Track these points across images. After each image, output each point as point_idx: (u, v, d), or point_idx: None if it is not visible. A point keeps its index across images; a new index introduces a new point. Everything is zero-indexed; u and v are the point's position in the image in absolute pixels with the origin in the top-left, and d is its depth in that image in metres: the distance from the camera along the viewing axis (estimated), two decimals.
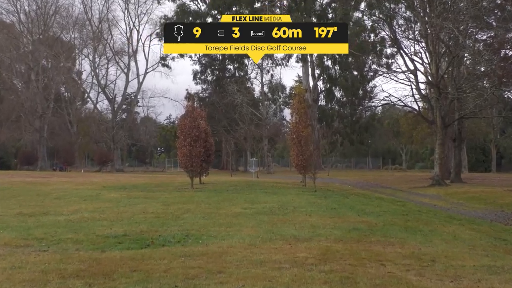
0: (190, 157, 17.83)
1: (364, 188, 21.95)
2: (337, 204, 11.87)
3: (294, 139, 19.68)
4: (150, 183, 22.42)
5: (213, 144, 21.56)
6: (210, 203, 11.78)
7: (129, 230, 7.42)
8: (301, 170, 19.63)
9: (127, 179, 28.23)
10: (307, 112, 21.47)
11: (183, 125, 18.14)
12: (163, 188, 18.13)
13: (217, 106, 46.30)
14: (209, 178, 25.08)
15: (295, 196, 14.18)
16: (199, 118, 18.93)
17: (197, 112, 19.04)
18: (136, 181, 24.40)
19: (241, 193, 15.18)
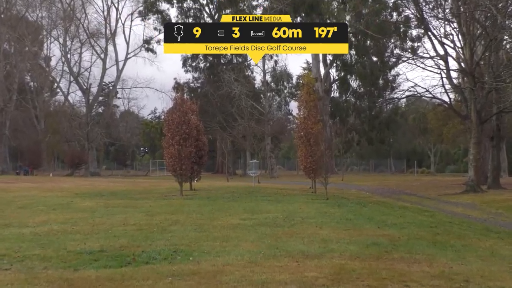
0: (179, 158, 17.89)
1: (385, 195, 21.97)
2: (353, 214, 11.89)
3: (302, 137, 19.75)
4: (131, 190, 22.47)
5: (206, 143, 21.65)
6: (202, 213, 11.80)
7: (106, 245, 7.43)
8: (310, 174, 19.70)
9: (104, 184, 28.27)
10: (317, 106, 21.53)
11: (170, 121, 18.23)
12: (147, 195, 18.17)
13: (211, 98, 46.47)
14: (201, 183, 25.16)
15: (303, 204, 14.21)
16: (190, 112, 19.00)
17: (187, 105, 19.11)
18: (114, 187, 24.45)
19: (240, 201, 15.22)
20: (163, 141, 18.59)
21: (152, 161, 61.34)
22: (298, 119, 20.87)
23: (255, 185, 25.96)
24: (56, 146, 54.04)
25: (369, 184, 29.88)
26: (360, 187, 27.53)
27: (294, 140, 21.74)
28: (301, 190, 21.90)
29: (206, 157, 22.00)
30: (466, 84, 27.86)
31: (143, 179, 41.90)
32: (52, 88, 57.45)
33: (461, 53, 27.24)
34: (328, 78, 52.17)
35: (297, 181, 34.48)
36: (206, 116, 46.42)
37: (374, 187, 27.76)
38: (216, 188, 23.66)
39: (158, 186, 25.59)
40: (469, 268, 6.24)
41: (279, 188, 23.99)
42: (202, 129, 21.68)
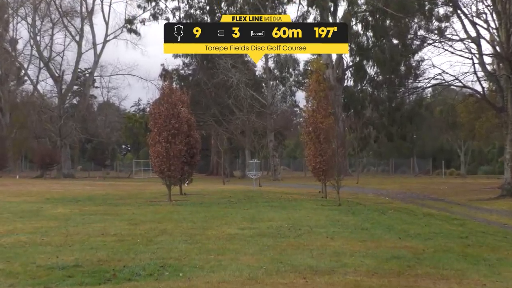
0: (167, 157, 17.95)
1: (407, 200, 21.99)
2: (370, 222, 11.90)
3: (310, 133, 19.79)
4: (111, 194, 22.50)
5: (198, 140, 21.72)
6: (194, 221, 11.82)
7: (82, 258, 7.44)
8: (320, 175, 19.76)
9: (79, 188, 28.32)
10: (328, 96, 21.55)
11: (157, 114, 18.28)
12: (130, 201, 18.21)
13: (204, 87, 46.56)
14: (193, 186, 25.20)
15: (312, 211, 14.23)
16: (180, 104, 19.05)
17: (176, 95, 19.15)
18: (92, 191, 24.50)
19: (238, 208, 15.26)
20: (149, 137, 18.61)
21: (135, 160, 61.43)
22: (305, 112, 20.88)
23: (255, 189, 25.99)
24: (23, 143, 54.02)
25: (388, 188, 29.91)
26: (378, 191, 27.55)
27: (301, 137, 21.75)
28: (309, 195, 21.89)
29: (199, 156, 22.05)
30: (501, 71, 27.76)
31: (125, 181, 41.95)
32: (18, 75, 57.38)
33: (495, 35, 27.17)
34: (340, 64, 52.17)
35: (304, 184, 34.48)
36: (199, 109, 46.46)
37: (395, 191, 27.78)
38: (210, 192, 23.67)
39: (143, 190, 25.61)
40: (505, 286, 6.24)
41: (283, 192, 23.99)
42: (194, 123, 21.70)
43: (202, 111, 46.42)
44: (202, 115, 45.70)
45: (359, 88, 53.52)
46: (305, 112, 21.07)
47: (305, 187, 31.14)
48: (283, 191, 24.61)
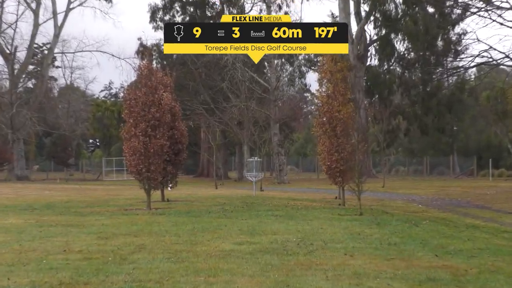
0: (146, 155, 17.98)
1: (446, 208, 21.99)
2: (399, 236, 11.89)
3: (324, 125, 19.83)
4: (76, 201, 22.50)
5: (185, 134, 21.78)
6: (180, 234, 11.83)
7: (39, 281, 7.43)
8: (337, 177, 19.84)
9: (35, 193, 28.26)
10: (346, 78, 21.51)
11: (133, 101, 18.31)
12: (99, 209, 18.23)
13: (192, 67, 46.61)
14: (178, 191, 25.12)
15: (326, 222, 14.28)
16: (161, 88, 19.06)
17: (157, 77, 19.17)
18: (52, 197, 24.46)
19: (234, 218, 15.29)
20: (123, 130, 18.62)
21: (106, 159, 61.51)
22: (319, 98, 20.89)
23: (256, 194, 25.98)
24: None
25: (422, 193, 29.91)
26: (410, 196, 27.56)
27: (313, 129, 21.75)
28: (323, 202, 21.89)
29: (185, 153, 22.05)
30: None
31: (93, 185, 41.99)
32: None
33: None
34: (362, 38, 52.11)
35: (317, 189, 34.46)
36: (186, 94, 46.48)
37: (430, 197, 27.79)
38: (199, 198, 23.64)
39: (115, 196, 25.58)
40: None
41: (290, 198, 23.98)
42: (179, 112, 21.69)
43: (190, 97, 46.46)
44: (190, 102, 45.75)
45: (385, 68, 53.50)
46: (318, 99, 21.05)
47: (317, 191, 31.10)
48: (291, 197, 24.59)
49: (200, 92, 47.78)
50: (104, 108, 68.73)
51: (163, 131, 18.48)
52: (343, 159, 19.17)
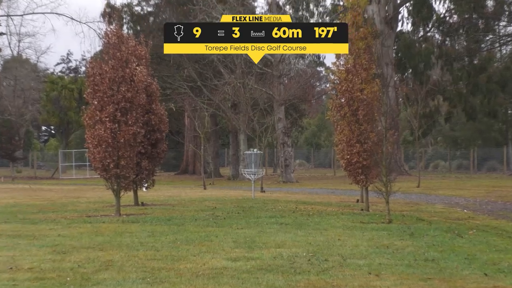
0: (114, 146, 17.97)
1: (498, 214, 21.93)
2: (439, 250, 11.87)
3: (343, 108, 19.83)
4: (25, 205, 22.46)
5: (165, 119, 21.82)
6: (157, 247, 11.82)
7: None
8: (358, 175, 19.92)
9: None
10: (371, 48, 21.37)
11: (98, 77, 18.27)
12: (55, 216, 18.23)
13: None
14: (156, 192, 25.06)
15: (346, 232, 14.29)
16: (134, 60, 18.99)
17: (129, 47, 19.12)
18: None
19: (227, 226, 15.30)
20: (85, 114, 18.57)
21: (63, 151, 61.55)
22: (336, 74, 20.82)
23: (255, 196, 25.96)
24: None
25: (468, 195, 29.86)
26: (452, 199, 27.51)
27: (329, 113, 21.62)
28: (341, 206, 21.88)
29: (165, 144, 22.02)
30: None
31: (47, 184, 41.91)
32: None
33: None
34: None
35: (333, 189, 34.41)
36: (165, 68, 46.31)
37: (478, 199, 27.73)
38: (183, 201, 23.62)
39: (76, 198, 25.57)
40: None
41: (299, 201, 23.97)
42: (157, 92, 21.64)
43: (171, 72, 46.40)
44: (171, 79, 45.69)
45: (421, 35, 53.42)
46: (335, 74, 20.98)
47: (334, 193, 31.06)
48: (299, 200, 24.57)
49: (184, 66, 47.61)
50: (61, 86, 68.55)
51: (136, 115, 18.42)
52: (367, 151, 19.10)
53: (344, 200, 24.69)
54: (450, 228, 15.90)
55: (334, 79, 21.45)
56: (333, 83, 22.09)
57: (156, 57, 40.69)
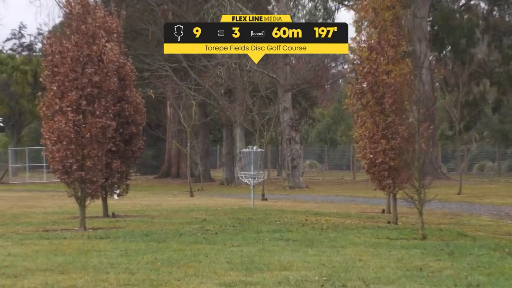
0: (78, 143, 17.95)
1: None
2: (485, 273, 11.87)
3: (364, 94, 19.85)
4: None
5: (141, 109, 21.89)
6: (133, 269, 11.83)
7: None
8: (384, 179, 19.90)
9: None
10: (400, 20, 21.31)
11: (58, 56, 18.26)
12: (4, 230, 18.23)
13: (152, 1, 46.13)
14: (130, 200, 24.97)
15: (368, 250, 14.30)
16: (104, 35, 19.00)
17: (97, 18, 19.04)
18: None
19: (220, 243, 15.32)
20: (41, 102, 18.54)
21: (14, 148, 61.45)
22: (356, 53, 20.80)
23: (255, 206, 25.92)
24: None
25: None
26: (502, 209, 27.51)
27: (347, 101, 21.61)
28: (363, 217, 21.87)
29: (142, 140, 22.02)
30: None
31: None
32: None
33: None
34: None
35: (352, 196, 34.35)
36: (143, 45, 46.06)
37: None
38: (165, 211, 23.60)
39: (30, 208, 25.49)
40: None
41: (310, 211, 23.97)
42: (132, 74, 21.63)
43: (149, 50, 46.25)
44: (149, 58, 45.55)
45: (462, 4, 53.36)
46: (355, 53, 20.97)
47: (353, 201, 31.02)
48: (310, 210, 24.55)
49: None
50: (12, 68, 68.37)
51: (105, 104, 18.40)
52: (395, 149, 19.06)
53: (366, 211, 24.70)
54: (499, 245, 15.87)
55: (354, 59, 21.43)
56: (352, 63, 22.07)
57: (131, 31, 40.67)
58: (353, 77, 21.33)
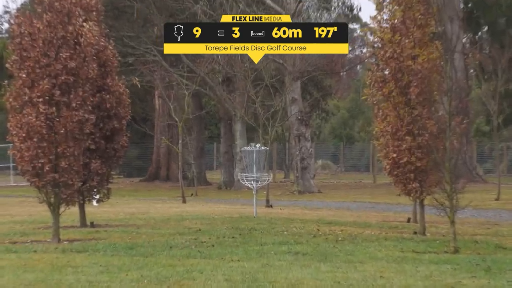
0: (51, 140, 17.96)
1: None
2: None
3: (386, 83, 19.80)
4: None
5: (125, 100, 22.00)
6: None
7: None
8: (410, 182, 19.90)
9: None
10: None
11: (28, 38, 18.22)
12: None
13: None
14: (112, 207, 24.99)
15: (391, 266, 14.31)
16: (81, 14, 18.95)
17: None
18: None
19: (217, 257, 15.36)
20: (8, 92, 18.49)
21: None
22: (376, 34, 20.78)
23: (258, 214, 25.92)
24: None
25: None
26: None
27: (366, 91, 21.59)
28: (385, 227, 21.89)
29: (126, 137, 22.01)
30: None
31: None
32: None
33: None
34: None
35: (373, 203, 34.39)
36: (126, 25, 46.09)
37: None
38: (152, 220, 23.66)
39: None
40: None
41: (323, 220, 24.00)
42: (114, 60, 21.70)
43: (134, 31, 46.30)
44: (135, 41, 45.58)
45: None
46: (376, 34, 20.95)
47: (374, 208, 31.04)
48: (323, 218, 24.58)
49: (154, 22, 47.57)
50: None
51: (83, 95, 18.38)
52: (422, 147, 19.04)
53: (388, 219, 24.69)
54: None
55: (374, 42, 21.41)
56: (372, 47, 22.07)
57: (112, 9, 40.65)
58: (374, 63, 21.27)
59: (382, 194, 38.28)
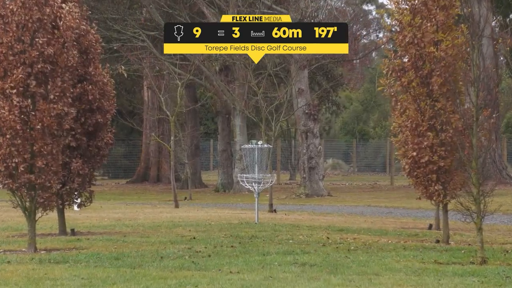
0: (26, 137, 17.99)
1: None
2: None
3: (406, 73, 19.78)
4: None
5: (109, 92, 22.08)
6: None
7: None
8: (431, 184, 19.93)
9: None
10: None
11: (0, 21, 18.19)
12: None
13: None
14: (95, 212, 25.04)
15: (410, 278, 14.34)
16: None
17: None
18: None
19: (213, 269, 15.41)
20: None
21: None
22: (394, 16, 20.78)
23: (261, 219, 25.95)
24: None
25: None
26: None
27: (382, 82, 21.61)
28: (403, 235, 21.91)
29: (110, 134, 22.03)
30: None
31: None
32: None
33: None
34: None
35: (389, 208, 34.42)
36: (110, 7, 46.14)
37: None
38: (141, 227, 23.68)
39: None
40: None
41: (333, 227, 24.03)
42: (97, 46, 21.75)
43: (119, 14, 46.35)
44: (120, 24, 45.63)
45: None
46: (393, 17, 20.94)
47: (391, 213, 31.09)
48: (334, 225, 24.62)
49: (143, 4, 47.63)
50: None
51: (62, 85, 18.39)
52: (446, 145, 19.05)
53: (407, 226, 24.73)
54: None
55: (392, 25, 21.42)
56: (390, 31, 22.09)
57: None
58: (391, 49, 21.30)
59: (400, 197, 38.34)
